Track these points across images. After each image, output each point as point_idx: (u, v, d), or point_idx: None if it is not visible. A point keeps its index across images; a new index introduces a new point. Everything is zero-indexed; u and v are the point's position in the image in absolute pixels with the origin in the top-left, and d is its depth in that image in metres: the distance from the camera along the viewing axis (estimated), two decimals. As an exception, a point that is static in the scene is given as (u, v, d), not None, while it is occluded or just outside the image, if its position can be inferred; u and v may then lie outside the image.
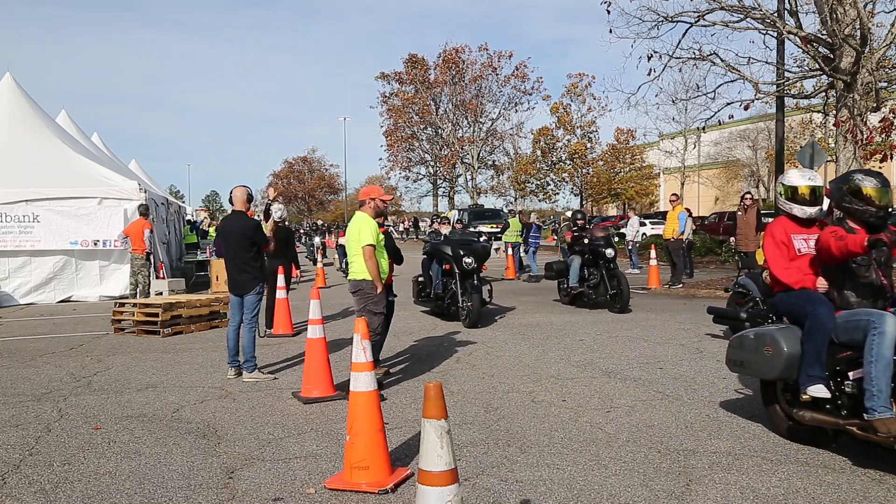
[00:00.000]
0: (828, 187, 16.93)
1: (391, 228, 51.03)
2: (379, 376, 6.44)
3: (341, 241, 15.61)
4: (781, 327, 4.87)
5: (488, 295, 11.01)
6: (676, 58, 15.43)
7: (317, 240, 25.88)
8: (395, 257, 7.55)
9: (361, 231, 6.45)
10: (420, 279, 11.94)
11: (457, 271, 10.60)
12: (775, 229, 5.07)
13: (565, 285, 12.86)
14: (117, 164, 22.62)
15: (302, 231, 46.50)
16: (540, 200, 58.42)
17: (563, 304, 12.96)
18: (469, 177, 53.74)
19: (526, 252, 19.65)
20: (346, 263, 6.99)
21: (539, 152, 55.98)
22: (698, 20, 15.03)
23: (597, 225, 13.04)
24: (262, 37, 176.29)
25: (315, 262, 21.84)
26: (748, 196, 14.99)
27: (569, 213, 22.39)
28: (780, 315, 5.08)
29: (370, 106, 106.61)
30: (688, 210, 16.47)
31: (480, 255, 10.80)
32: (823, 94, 17.11)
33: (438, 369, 7.64)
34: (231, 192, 7.47)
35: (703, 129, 17.16)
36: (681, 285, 15.13)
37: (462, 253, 10.57)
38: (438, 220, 13.36)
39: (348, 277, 6.75)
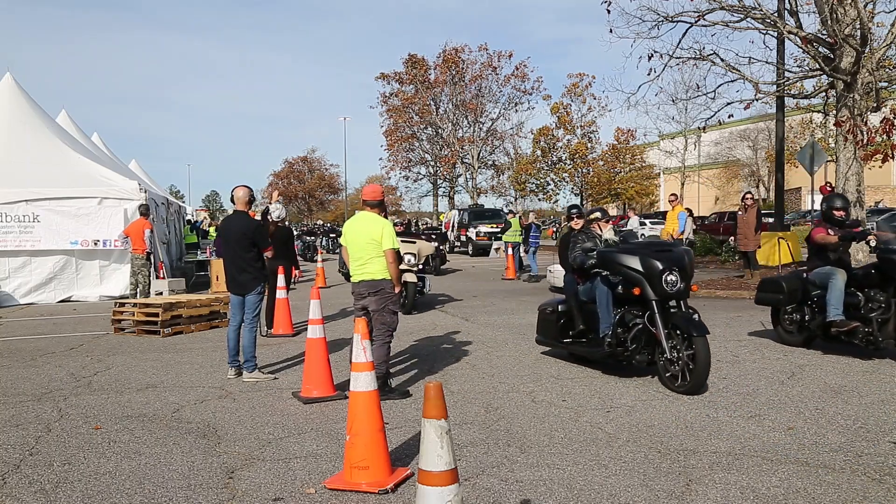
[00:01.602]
0: (828, 187, 16.90)
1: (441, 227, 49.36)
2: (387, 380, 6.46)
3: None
4: None
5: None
6: (676, 58, 15.44)
7: None
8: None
9: (384, 233, 6.35)
10: (560, 308, 7.83)
11: (653, 298, 6.55)
12: None
13: (809, 316, 8.14)
14: (117, 164, 22.62)
15: (306, 231, 41.15)
16: (540, 200, 58.49)
17: (788, 343, 8.45)
18: (469, 177, 53.76)
19: (526, 252, 19.66)
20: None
21: (539, 152, 56.03)
22: (698, 20, 15.03)
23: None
24: (262, 37, 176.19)
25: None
26: (749, 196, 15.00)
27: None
28: None
29: (370, 106, 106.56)
30: (688, 210, 16.49)
31: (687, 268, 6.75)
32: (823, 94, 17.11)
33: (438, 369, 7.64)
34: (233, 192, 7.46)
35: (704, 128, 17.18)
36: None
37: (661, 267, 6.55)
38: (595, 215, 8.22)
39: (362, 278, 6.46)
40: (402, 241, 12.77)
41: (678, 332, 6.39)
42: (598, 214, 7.99)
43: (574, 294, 7.62)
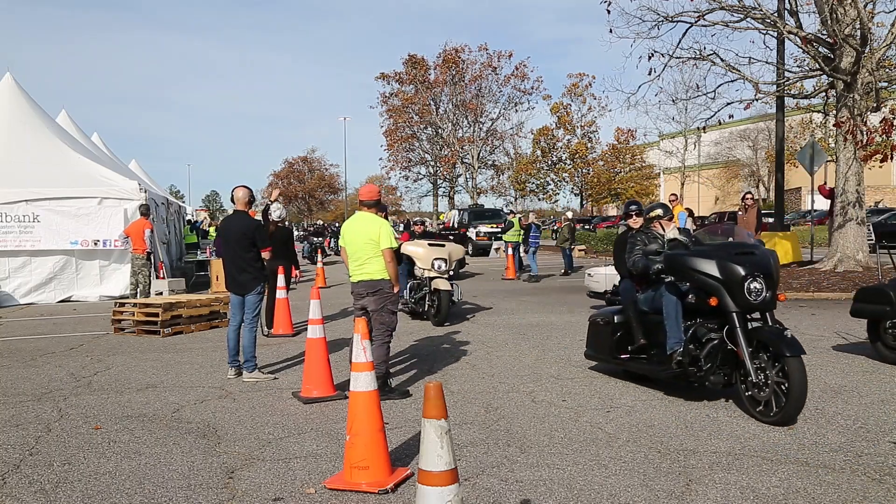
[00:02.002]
0: (828, 187, 16.82)
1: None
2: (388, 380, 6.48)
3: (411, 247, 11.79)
4: None
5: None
6: (676, 58, 15.45)
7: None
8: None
9: (382, 234, 6.37)
10: (616, 319, 6.87)
11: (733, 309, 5.62)
12: None
13: None
14: (117, 164, 22.62)
15: (314, 231, 34.14)
16: (540, 200, 58.56)
17: (888, 361, 7.38)
18: (469, 177, 53.77)
19: (526, 252, 19.68)
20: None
21: (539, 152, 56.07)
22: (698, 20, 15.05)
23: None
24: (262, 37, 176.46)
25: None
26: (749, 196, 14.99)
27: (569, 214, 22.38)
28: None
29: (370, 106, 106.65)
30: (688, 210, 16.48)
31: (774, 274, 5.76)
32: (823, 94, 17.11)
33: (438, 369, 7.64)
34: (233, 192, 7.47)
35: (703, 128, 17.19)
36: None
37: (743, 273, 5.58)
38: (656, 212, 6.93)
39: (360, 278, 6.47)
40: (431, 245, 11.62)
41: (764, 350, 5.46)
42: (659, 212, 6.86)
43: (633, 303, 6.70)
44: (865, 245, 14.95)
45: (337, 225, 46.28)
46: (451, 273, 11.75)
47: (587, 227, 46.29)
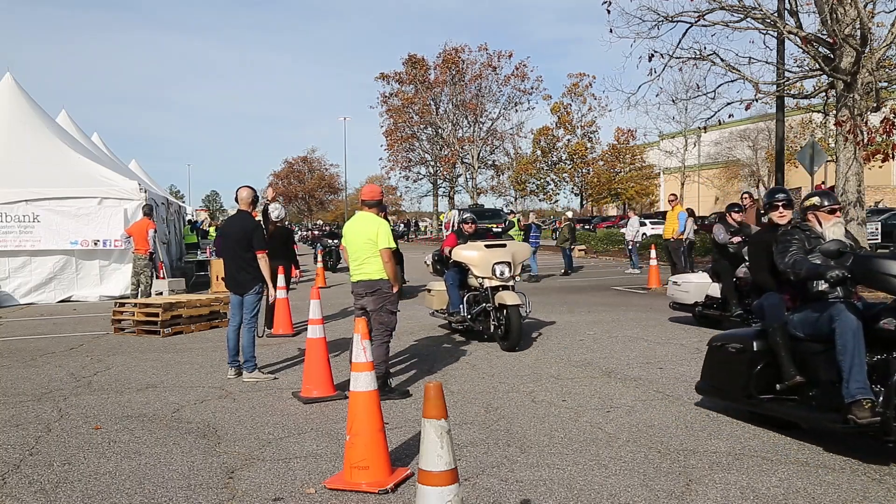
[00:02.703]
0: (825, 188, 16.96)
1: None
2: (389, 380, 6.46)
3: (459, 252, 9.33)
4: None
5: None
6: (676, 58, 15.44)
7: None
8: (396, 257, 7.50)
9: (380, 233, 6.38)
10: (756, 346, 5.17)
11: None
12: None
13: None
14: (117, 164, 22.62)
15: (328, 233, 27.69)
16: (540, 200, 58.60)
17: None
18: (469, 177, 53.78)
19: (526, 252, 19.66)
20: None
21: (539, 152, 56.11)
22: (698, 20, 15.03)
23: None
24: (262, 37, 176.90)
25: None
26: (746, 196, 14.97)
27: (569, 213, 22.38)
28: None
29: (370, 106, 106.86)
30: (689, 210, 16.47)
31: None
32: (823, 94, 17.10)
33: (438, 369, 7.63)
34: (237, 192, 7.48)
35: (704, 128, 17.18)
36: (681, 285, 15.03)
37: None
38: (812, 201, 5.21)
39: (360, 278, 6.49)
40: (488, 247, 9.17)
41: None
42: (817, 200, 5.17)
43: (782, 325, 5.01)
44: (866, 245, 14.94)
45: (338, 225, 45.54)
46: (517, 280, 9.50)
47: (587, 227, 46.29)
